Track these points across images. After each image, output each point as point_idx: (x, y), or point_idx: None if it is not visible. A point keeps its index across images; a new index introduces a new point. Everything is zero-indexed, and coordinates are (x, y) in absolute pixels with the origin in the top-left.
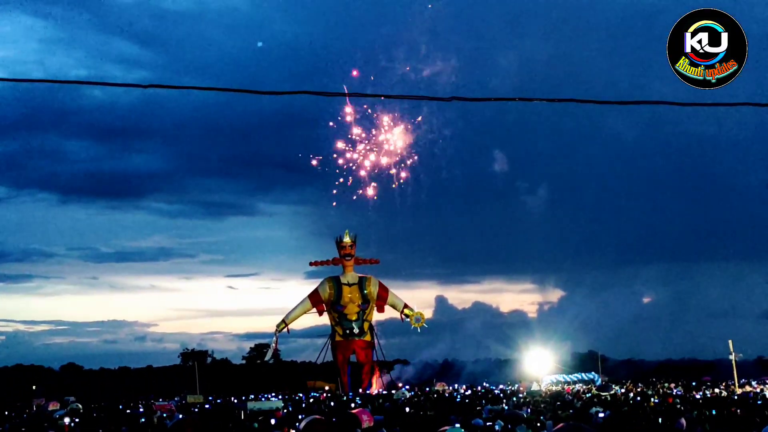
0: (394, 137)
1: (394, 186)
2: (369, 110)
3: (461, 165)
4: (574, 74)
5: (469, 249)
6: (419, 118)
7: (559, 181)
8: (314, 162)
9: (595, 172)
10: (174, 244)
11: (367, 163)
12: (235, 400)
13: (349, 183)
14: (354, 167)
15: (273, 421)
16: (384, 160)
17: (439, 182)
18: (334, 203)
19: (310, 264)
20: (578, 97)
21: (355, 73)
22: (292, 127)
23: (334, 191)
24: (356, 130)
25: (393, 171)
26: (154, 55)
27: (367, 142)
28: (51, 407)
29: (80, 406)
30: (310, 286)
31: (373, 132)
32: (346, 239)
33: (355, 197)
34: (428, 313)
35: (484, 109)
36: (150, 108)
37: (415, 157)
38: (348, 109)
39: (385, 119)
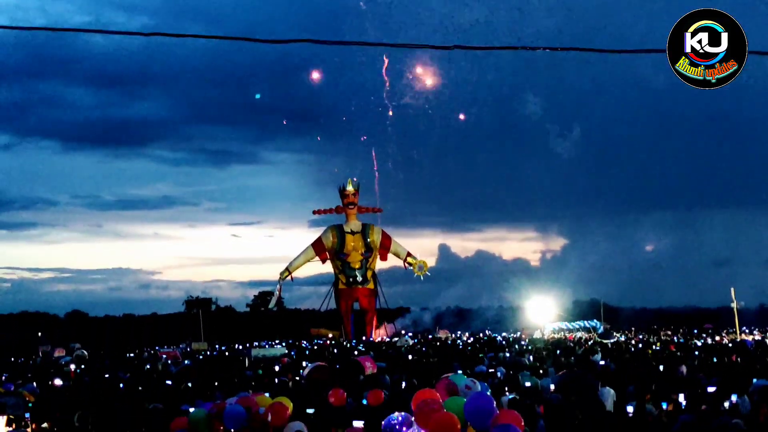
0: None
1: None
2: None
3: (463, 113)
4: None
5: (471, 197)
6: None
7: (561, 130)
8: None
9: (597, 121)
10: (177, 192)
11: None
12: (240, 347)
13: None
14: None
15: (277, 368)
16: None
17: (440, 130)
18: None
19: (314, 212)
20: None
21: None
22: (297, 73)
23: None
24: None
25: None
26: (155, 1)
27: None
28: (57, 354)
29: (86, 352)
30: (314, 234)
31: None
32: (349, 188)
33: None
34: (431, 262)
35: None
36: (153, 55)
37: (419, 103)
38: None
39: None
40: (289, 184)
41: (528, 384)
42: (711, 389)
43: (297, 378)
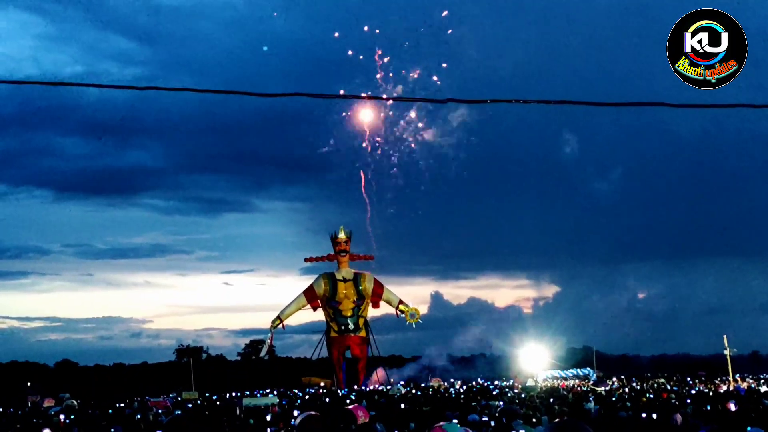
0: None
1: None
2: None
3: (455, 160)
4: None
5: (464, 245)
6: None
7: (552, 178)
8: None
9: (589, 169)
10: (169, 240)
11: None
12: (231, 396)
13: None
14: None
15: (268, 417)
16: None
17: (433, 177)
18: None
19: (305, 260)
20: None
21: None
22: (289, 123)
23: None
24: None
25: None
26: (150, 52)
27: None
28: (46, 404)
29: (75, 402)
30: (306, 282)
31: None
32: (341, 235)
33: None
34: (424, 309)
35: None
36: (146, 104)
37: (410, 150)
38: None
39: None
40: (282, 232)
41: None
42: None
43: (288, 428)
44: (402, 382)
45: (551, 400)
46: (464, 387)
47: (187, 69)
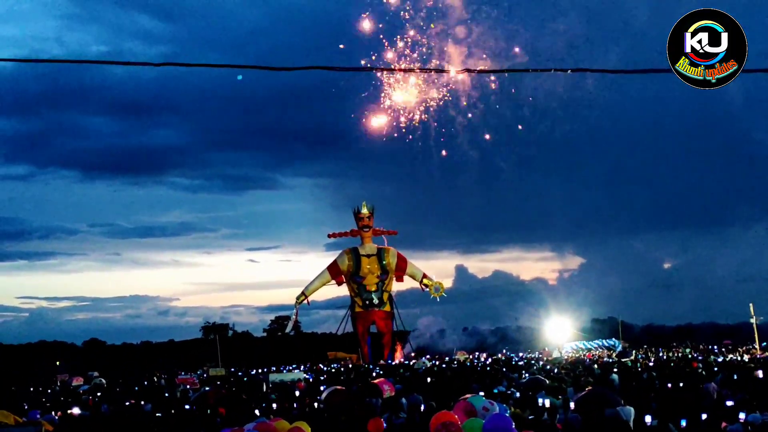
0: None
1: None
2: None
3: (475, 133)
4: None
5: (487, 218)
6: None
7: (575, 149)
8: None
9: (613, 139)
10: (195, 218)
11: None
12: (257, 372)
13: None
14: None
15: (297, 393)
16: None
17: (456, 151)
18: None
19: (329, 236)
20: None
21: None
22: (313, 98)
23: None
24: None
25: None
26: (173, 30)
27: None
28: (75, 383)
29: (104, 380)
30: (330, 257)
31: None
32: (364, 210)
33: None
34: (448, 283)
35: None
36: (170, 82)
37: (436, 124)
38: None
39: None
40: (306, 208)
41: (547, 403)
42: (729, 403)
43: (315, 402)
44: (428, 356)
45: (577, 371)
46: (489, 359)
47: (211, 46)
